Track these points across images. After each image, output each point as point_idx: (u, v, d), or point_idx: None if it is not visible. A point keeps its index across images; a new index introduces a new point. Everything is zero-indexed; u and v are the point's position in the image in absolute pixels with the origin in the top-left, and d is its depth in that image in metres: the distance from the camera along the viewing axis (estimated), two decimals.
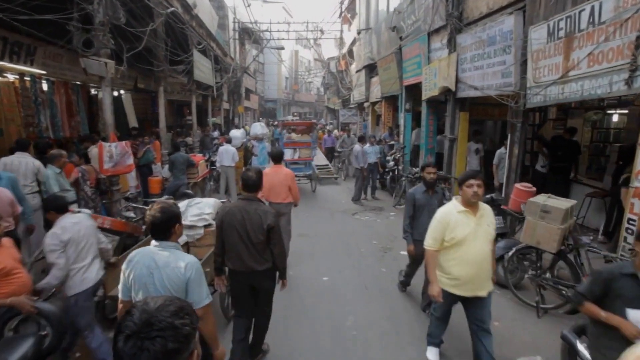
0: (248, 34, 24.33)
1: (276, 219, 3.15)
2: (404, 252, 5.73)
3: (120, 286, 2.20)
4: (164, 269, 2.10)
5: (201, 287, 2.16)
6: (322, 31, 23.06)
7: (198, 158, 9.00)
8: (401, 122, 11.61)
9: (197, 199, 4.71)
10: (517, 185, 5.63)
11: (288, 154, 10.35)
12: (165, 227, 2.17)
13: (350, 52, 21.96)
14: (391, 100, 13.45)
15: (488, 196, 5.35)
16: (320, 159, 12.35)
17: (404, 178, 9.26)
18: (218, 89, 16.82)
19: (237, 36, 22.50)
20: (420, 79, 9.88)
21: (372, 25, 14.76)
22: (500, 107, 9.09)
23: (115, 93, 11.89)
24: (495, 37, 6.55)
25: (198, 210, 4.46)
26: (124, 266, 2.18)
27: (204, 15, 12.71)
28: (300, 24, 22.29)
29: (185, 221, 4.23)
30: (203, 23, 12.63)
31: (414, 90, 11.34)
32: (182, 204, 4.42)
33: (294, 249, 5.98)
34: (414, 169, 9.31)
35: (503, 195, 6.43)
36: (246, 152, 10.78)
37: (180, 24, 9.62)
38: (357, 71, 16.87)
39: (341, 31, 23.67)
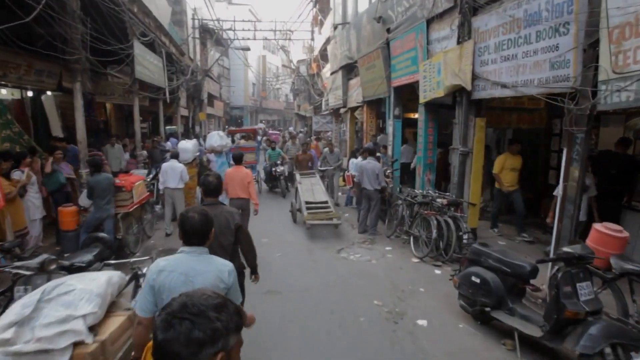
0: (210, 34, 21.95)
1: (241, 217, 3.23)
2: (422, 321, 4.33)
3: (140, 302, 2.02)
4: (207, 273, 2.00)
5: (238, 293, 2.15)
6: (290, 31, 21.11)
7: (133, 179, 6.64)
8: (389, 130, 9.74)
9: (69, 282, 2.44)
10: (600, 227, 3.78)
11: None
12: (204, 232, 2.12)
13: (323, 54, 20.09)
14: (375, 105, 11.59)
15: (562, 251, 3.42)
16: (317, 191, 8.51)
17: (400, 201, 7.30)
18: (172, 92, 14.40)
19: (197, 34, 20.08)
20: (415, 78, 8.04)
21: (351, 20, 12.92)
22: (521, 112, 7.39)
23: (31, 93, 9.28)
24: (540, 12, 4.75)
25: (62, 311, 2.22)
26: (151, 277, 2.00)
27: (150, 3, 10.36)
28: (267, 24, 20.16)
29: (28, 336, 2.01)
30: (150, 11, 10.27)
31: (404, 93, 9.52)
32: (28, 299, 2.19)
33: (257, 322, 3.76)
34: (415, 190, 7.36)
35: (555, 238, 4.57)
36: (201, 169, 8.52)
37: (113, 4, 7.30)
38: (333, 73, 14.98)
39: (312, 32, 21.80)
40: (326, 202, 7.95)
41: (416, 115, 11.61)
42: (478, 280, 3.81)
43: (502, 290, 3.67)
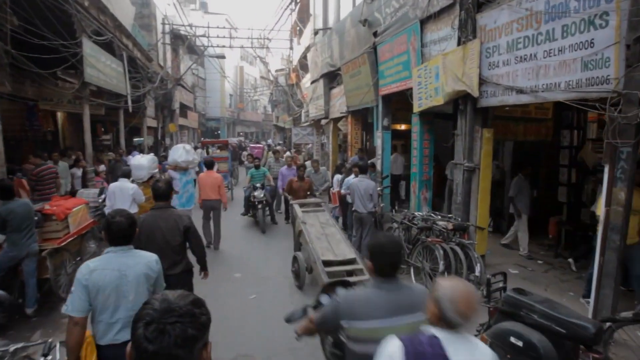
0: (182, 40, 20.76)
1: (190, 220, 3.41)
2: None
3: (74, 303, 2.13)
4: (136, 267, 2.24)
5: (162, 280, 2.43)
6: (268, 39, 20.20)
7: (70, 203, 5.39)
8: (377, 143, 8.83)
9: None
10: None
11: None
12: (130, 233, 2.32)
13: (302, 64, 19.26)
14: (360, 116, 10.71)
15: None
16: (336, 239, 5.47)
17: (395, 224, 6.33)
18: (137, 100, 13.12)
19: (167, 40, 18.85)
20: (407, 85, 7.19)
21: (333, 25, 12.11)
22: (527, 123, 6.62)
23: None
24: (567, 2, 3.94)
25: None
26: (82, 277, 2.15)
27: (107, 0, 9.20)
28: (244, 31, 19.14)
29: None
30: (105, 8, 9.10)
31: (394, 102, 8.67)
32: None
33: None
34: (416, 212, 6.38)
35: (597, 275, 3.68)
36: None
37: None
38: (313, 82, 14.09)
39: (290, 40, 20.98)
40: (354, 260, 4.94)
41: (403, 127, 10.88)
42: (520, 344, 2.84)
43: (555, 359, 2.70)
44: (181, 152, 6.86)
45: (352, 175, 7.84)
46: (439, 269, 5.04)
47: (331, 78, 12.40)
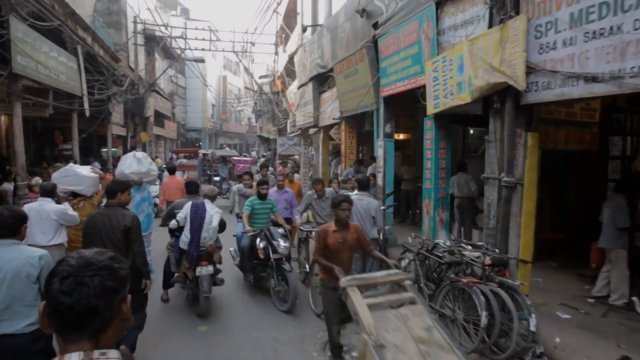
0: (157, 42, 19.24)
1: (134, 221, 3.44)
2: None
3: None
4: (15, 262, 2.29)
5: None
6: (252, 43, 18.88)
7: None
8: (379, 153, 7.49)
9: None
10: None
11: (179, 175, 9.81)
12: (12, 226, 2.38)
13: (288, 71, 17.98)
14: (355, 122, 9.40)
15: None
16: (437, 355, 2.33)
17: (409, 255, 4.93)
18: (96, 104, 11.51)
19: (138, 41, 17.29)
20: (418, 82, 5.93)
21: (323, 21, 10.88)
22: (572, 128, 5.37)
23: None
24: None
25: None
26: None
27: None
28: (227, 35, 17.87)
29: None
30: None
31: (398, 104, 7.40)
32: None
33: None
34: (438, 240, 4.92)
35: None
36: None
37: None
38: (301, 86, 12.77)
39: (276, 45, 19.72)
40: None
41: (402, 136, 9.65)
42: None
43: None
44: (130, 161, 5.35)
45: (345, 191, 6.54)
46: (480, 322, 3.66)
47: (321, 81, 11.11)
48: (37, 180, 6.81)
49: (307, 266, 5.65)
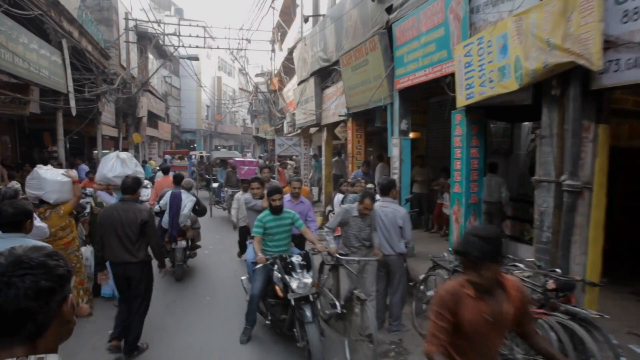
0: (149, 40, 18.36)
1: (151, 215, 3.71)
2: None
3: None
4: None
5: None
6: (248, 40, 18.07)
7: None
8: (393, 153, 6.70)
9: None
10: None
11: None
12: (17, 221, 2.48)
13: (286, 68, 17.16)
14: (363, 120, 8.60)
15: None
16: None
17: (441, 272, 4.12)
18: (85, 103, 10.65)
19: (130, 38, 16.42)
20: (444, 70, 5.16)
21: (326, 11, 10.08)
22: (638, 120, 4.60)
23: None
24: None
25: None
26: None
27: None
28: (222, 34, 16.89)
29: None
30: None
31: (414, 96, 6.63)
32: None
33: None
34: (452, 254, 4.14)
35: None
36: (91, 218, 4.85)
37: None
38: (301, 82, 11.95)
39: (272, 42, 18.91)
40: None
41: (411, 135, 8.86)
42: None
43: None
44: (113, 163, 4.52)
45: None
46: None
47: (324, 76, 10.32)
48: (13, 184, 5.94)
49: (337, 305, 4.01)
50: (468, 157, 4.87)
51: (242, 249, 6.44)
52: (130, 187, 3.68)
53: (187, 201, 5.73)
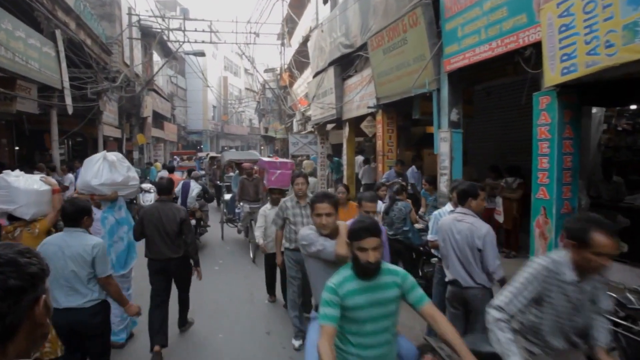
0: (154, 37, 17.44)
1: (186, 214, 3.81)
2: None
3: None
4: (73, 247, 2.58)
5: (105, 262, 2.67)
6: (256, 33, 17.06)
7: None
8: (441, 149, 5.60)
9: None
10: None
11: (178, 175, 10.42)
12: (75, 217, 2.66)
13: (297, 62, 16.13)
14: (395, 112, 7.51)
15: None
16: None
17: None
18: (84, 101, 9.72)
19: (133, 34, 15.50)
20: (520, 41, 4.05)
21: None
22: None
23: None
24: None
25: None
26: (40, 247, 2.60)
27: None
28: (229, 24, 15.94)
29: None
30: None
31: (470, 79, 5.53)
32: None
33: None
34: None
35: None
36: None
37: None
38: (317, 74, 10.88)
39: (282, 35, 17.87)
40: None
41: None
42: None
43: None
44: (99, 167, 3.46)
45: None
46: None
47: (345, 65, 9.26)
48: None
49: None
50: (560, 152, 3.75)
51: (272, 285, 4.90)
52: (166, 187, 3.83)
53: (194, 187, 7.37)
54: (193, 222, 6.66)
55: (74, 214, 2.66)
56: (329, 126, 11.20)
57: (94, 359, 2.73)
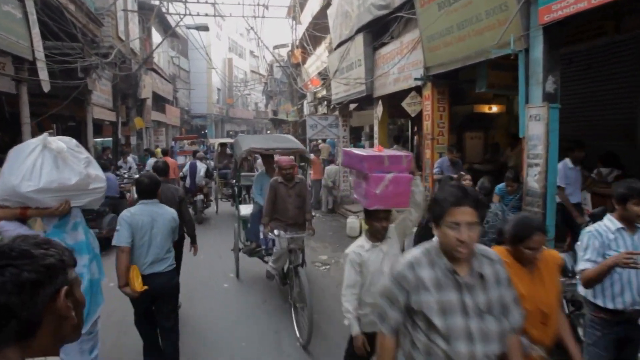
0: (152, 10, 15.79)
1: (183, 193, 4.09)
2: None
3: (120, 237, 2.75)
4: (163, 216, 2.92)
5: (177, 229, 3.11)
6: (265, 6, 15.36)
7: None
8: (530, 131, 4.09)
9: None
10: None
11: (181, 160, 11.71)
12: (153, 189, 2.94)
13: (310, 35, 14.44)
14: (446, 86, 5.97)
15: None
16: None
17: None
18: (65, 77, 8.30)
19: (129, 5, 13.88)
20: None
21: None
22: None
23: None
24: None
25: None
26: (127, 218, 2.80)
27: None
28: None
29: None
30: None
31: (564, 38, 4.00)
32: None
33: None
34: None
35: None
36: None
37: None
38: (340, 45, 9.25)
39: (294, 6, 16.11)
40: None
41: (495, 108, 6.11)
42: None
43: None
44: (36, 162, 2.04)
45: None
46: None
47: (377, 32, 7.67)
48: None
49: None
50: None
51: None
52: (163, 169, 3.99)
53: (201, 167, 8.57)
54: (200, 197, 8.37)
55: (151, 186, 2.91)
56: (352, 105, 9.68)
57: (165, 317, 2.97)
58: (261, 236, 4.65)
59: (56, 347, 0.83)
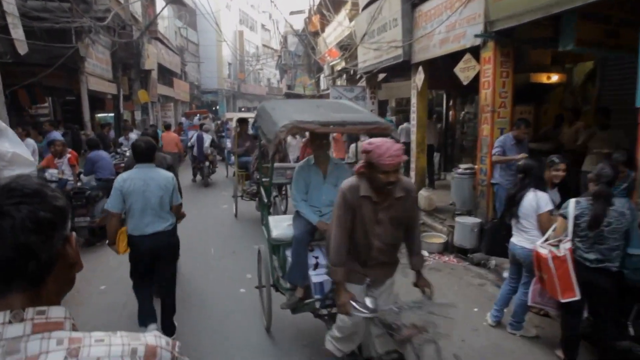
0: None
1: (174, 160, 4.68)
2: None
3: (112, 202, 2.96)
4: (157, 179, 3.00)
5: (177, 192, 3.17)
6: None
7: None
8: None
9: None
10: None
11: (191, 134, 12.00)
12: (149, 153, 3.06)
13: (331, 0, 12.90)
14: (512, 47, 4.63)
15: None
16: None
17: None
18: (51, 38, 7.17)
19: None
20: None
21: None
22: None
23: None
24: None
25: None
26: (118, 185, 2.94)
27: None
28: None
29: None
30: None
31: None
32: None
33: None
34: None
35: None
36: None
37: None
38: (370, 3, 7.82)
39: None
40: None
41: (555, 77, 4.64)
42: None
43: None
44: None
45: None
46: None
47: None
48: None
49: None
50: None
51: None
52: (154, 137, 4.75)
53: (206, 138, 10.07)
54: (207, 163, 9.89)
55: (147, 150, 3.05)
56: (381, 75, 8.35)
57: (165, 283, 3.20)
58: (313, 278, 2.84)
59: (59, 297, 0.77)
